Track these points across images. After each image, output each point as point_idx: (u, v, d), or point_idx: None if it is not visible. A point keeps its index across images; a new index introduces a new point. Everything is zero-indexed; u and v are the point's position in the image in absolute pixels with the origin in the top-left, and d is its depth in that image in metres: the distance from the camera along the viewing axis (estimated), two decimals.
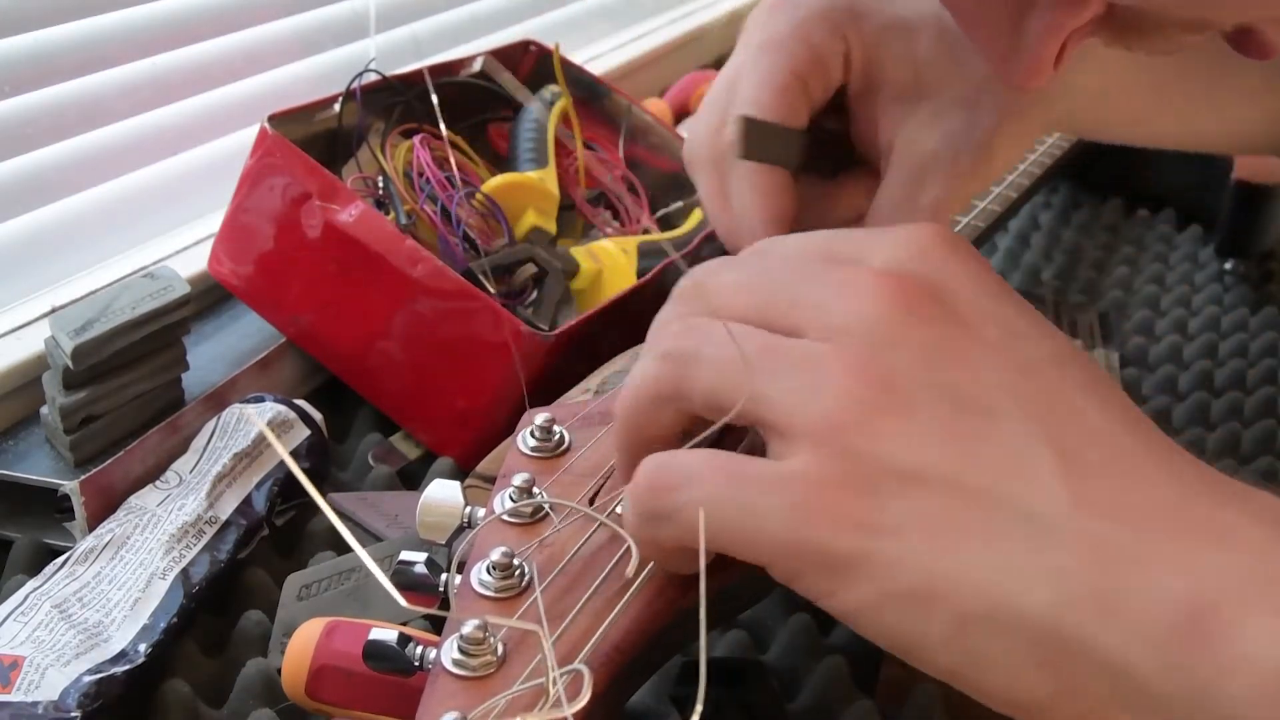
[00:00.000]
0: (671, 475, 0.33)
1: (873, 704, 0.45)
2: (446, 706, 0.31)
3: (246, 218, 0.60)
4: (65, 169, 0.66)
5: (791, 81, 0.48)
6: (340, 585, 0.48)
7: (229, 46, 0.75)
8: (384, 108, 0.67)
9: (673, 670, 0.45)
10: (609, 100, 0.77)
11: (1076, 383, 0.34)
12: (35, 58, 0.63)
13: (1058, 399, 0.33)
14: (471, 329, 0.57)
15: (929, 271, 0.35)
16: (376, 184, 0.63)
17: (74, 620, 0.45)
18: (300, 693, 0.38)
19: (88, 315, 0.52)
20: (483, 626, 0.32)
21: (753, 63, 0.48)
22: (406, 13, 0.88)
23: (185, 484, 0.52)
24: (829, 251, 0.37)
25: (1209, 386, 0.70)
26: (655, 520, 0.33)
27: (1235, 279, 0.83)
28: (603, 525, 0.37)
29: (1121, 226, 0.91)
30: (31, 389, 0.57)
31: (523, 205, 0.65)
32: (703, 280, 0.37)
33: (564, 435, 0.42)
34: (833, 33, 0.48)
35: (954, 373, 0.33)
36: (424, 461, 0.59)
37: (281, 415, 0.55)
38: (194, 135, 0.73)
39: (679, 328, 0.36)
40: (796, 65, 0.48)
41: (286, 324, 0.61)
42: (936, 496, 0.31)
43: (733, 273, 0.37)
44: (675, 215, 0.75)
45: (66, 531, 0.52)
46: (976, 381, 0.33)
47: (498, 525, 0.38)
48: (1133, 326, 0.76)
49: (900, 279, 0.34)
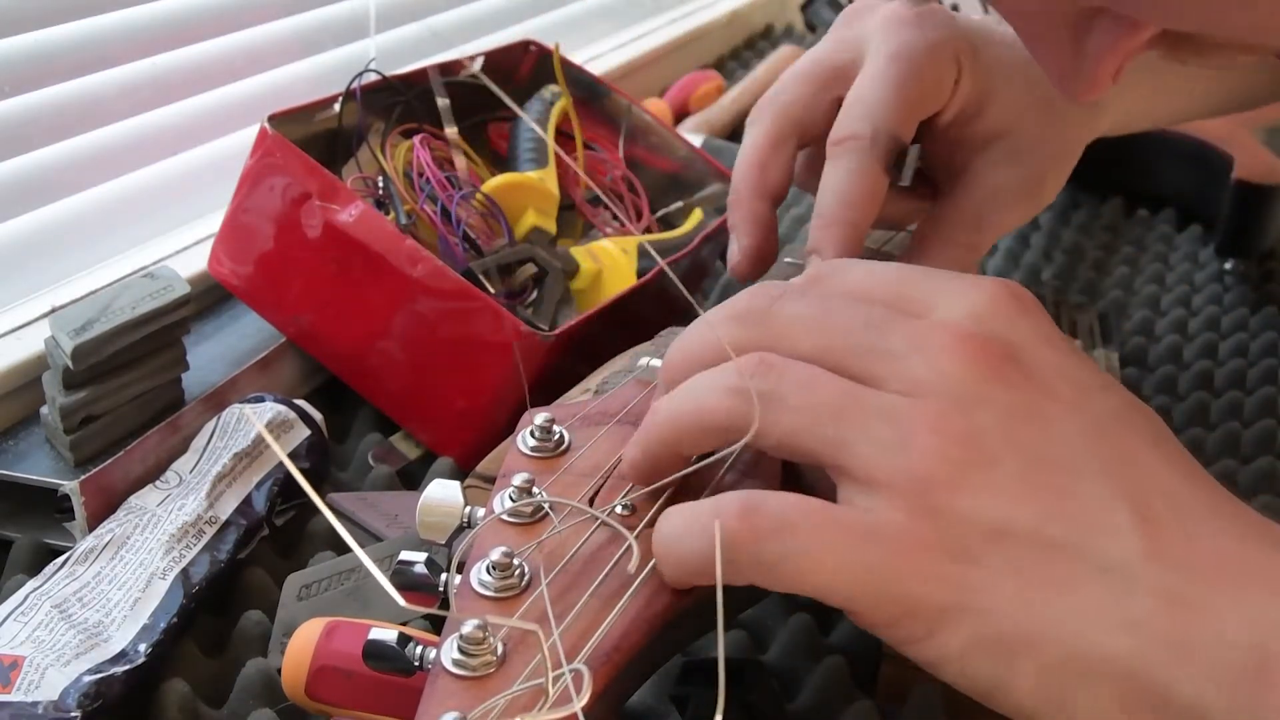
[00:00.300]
0: (768, 520, 0.33)
1: (873, 704, 0.45)
2: (446, 706, 0.31)
3: (246, 218, 0.60)
4: (65, 169, 0.66)
5: (917, 99, 0.52)
6: (340, 585, 0.48)
7: (229, 46, 0.75)
8: (384, 108, 0.67)
9: (673, 670, 0.45)
10: (609, 100, 0.77)
11: (1142, 436, 0.36)
12: (35, 58, 0.63)
13: (1127, 454, 0.35)
14: (471, 329, 0.57)
15: (1003, 330, 0.36)
16: (376, 184, 0.63)
17: (74, 620, 0.45)
18: (300, 693, 0.38)
19: (88, 315, 0.52)
20: (482, 626, 0.32)
21: (883, 72, 0.52)
22: (406, 13, 0.88)
23: (185, 484, 0.52)
24: (898, 297, 0.38)
25: (1209, 386, 0.70)
26: (753, 567, 0.33)
27: (1235, 279, 0.83)
28: (602, 525, 0.37)
29: (1121, 226, 0.90)
30: (31, 389, 0.57)
31: (523, 205, 0.65)
32: (768, 308, 0.38)
33: (564, 435, 0.42)
34: (953, 61, 0.53)
35: (1033, 431, 0.34)
36: (424, 461, 0.59)
37: (281, 415, 0.55)
38: (194, 135, 0.73)
39: (753, 363, 0.36)
40: (923, 84, 0.52)
41: (286, 324, 0.61)
42: (1021, 550, 0.33)
43: (800, 305, 0.37)
44: (675, 215, 0.75)
45: (66, 531, 0.52)
46: (1054, 440, 0.34)
47: (497, 525, 0.38)
48: (1133, 326, 0.76)
49: (980, 341, 0.35)
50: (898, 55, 0.52)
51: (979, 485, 0.33)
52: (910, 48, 0.52)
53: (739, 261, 0.54)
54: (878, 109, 0.51)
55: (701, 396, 0.37)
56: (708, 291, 0.75)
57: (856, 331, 0.36)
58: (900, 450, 0.33)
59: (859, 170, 0.51)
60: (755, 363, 0.36)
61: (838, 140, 0.52)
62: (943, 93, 0.53)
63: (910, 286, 0.38)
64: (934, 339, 0.35)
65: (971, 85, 0.54)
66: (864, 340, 0.36)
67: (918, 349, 0.35)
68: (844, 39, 0.55)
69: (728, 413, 0.36)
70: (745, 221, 0.54)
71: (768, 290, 0.38)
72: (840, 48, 0.55)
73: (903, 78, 0.52)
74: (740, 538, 0.33)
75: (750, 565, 0.33)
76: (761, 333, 0.37)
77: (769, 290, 0.38)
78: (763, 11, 1.28)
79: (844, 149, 0.51)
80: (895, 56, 0.52)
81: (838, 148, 0.51)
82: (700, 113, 0.99)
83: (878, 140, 0.51)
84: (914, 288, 0.38)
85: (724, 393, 0.36)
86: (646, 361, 0.47)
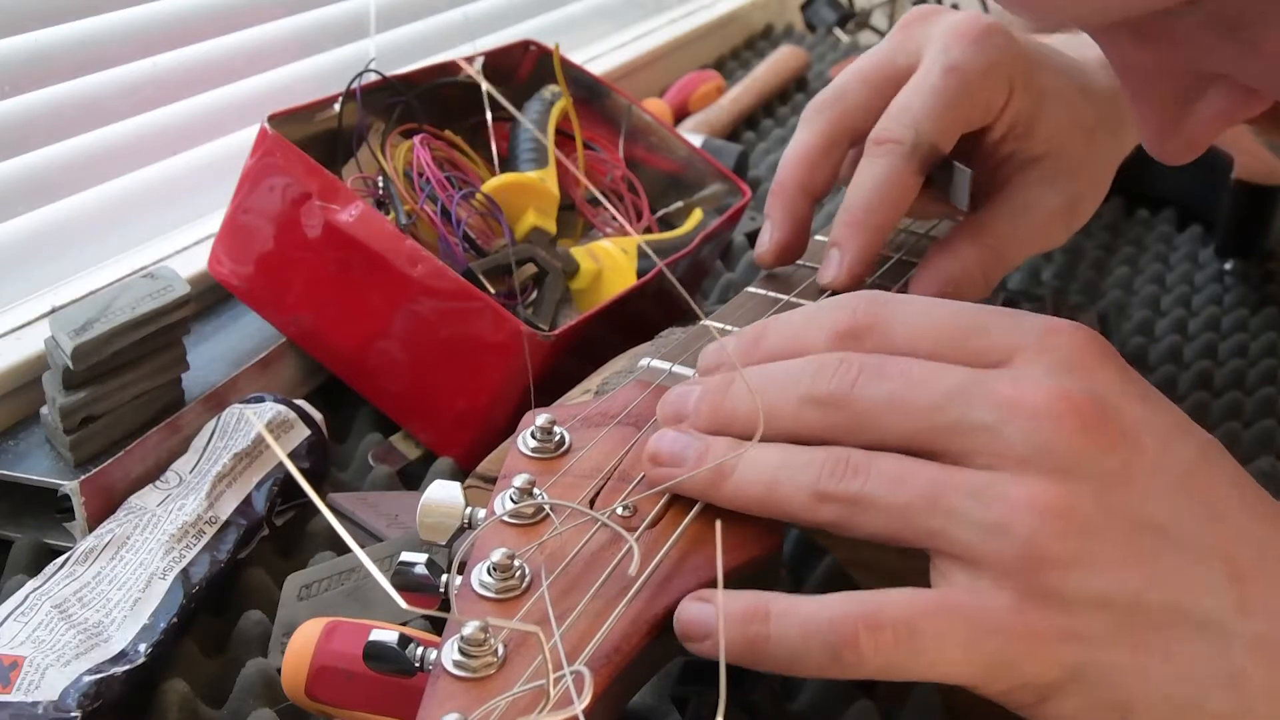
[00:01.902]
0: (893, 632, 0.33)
1: (873, 704, 0.44)
2: (447, 708, 0.31)
3: (246, 218, 0.60)
4: (65, 169, 0.66)
5: (963, 115, 0.53)
6: (340, 585, 0.48)
7: (229, 46, 0.75)
8: (384, 108, 0.67)
9: (673, 670, 0.45)
10: (609, 100, 0.77)
11: (1221, 481, 0.36)
12: (35, 58, 0.63)
13: (1212, 505, 0.35)
14: (471, 329, 0.57)
15: (1088, 385, 0.36)
16: (376, 184, 0.63)
17: (74, 620, 0.45)
18: (300, 693, 0.38)
19: (88, 315, 0.52)
20: (483, 628, 0.32)
21: (935, 84, 0.53)
22: (406, 13, 0.88)
23: (185, 484, 0.52)
24: (968, 344, 0.38)
25: (1209, 386, 0.70)
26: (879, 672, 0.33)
27: (1235, 279, 0.83)
28: (603, 526, 0.37)
29: (1121, 226, 0.90)
30: (31, 389, 0.57)
31: (523, 205, 0.65)
32: (847, 394, 0.37)
33: (564, 436, 0.42)
34: (1007, 82, 0.54)
35: (1126, 494, 0.35)
36: (424, 461, 0.59)
37: (281, 415, 0.55)
38: (194, 135, 0.73)
39: (840, 466, 0.36)
40: (973, 102, 0.53)
41: (286, 324, 0.61)
42: (1125, 617, 0.34)
43: (879, 387, 0.37)
44: (675, 215, 0.75)
45: (66, 531, 0.52)
46: (1146, 500, 0.35)
47: (498, 526, 0.38)
48: (1133, 326, 0.76)
49: (1071, 401, 0.35)
50: (952, 69, 0.52)
51: (1081, 559, 0.34)
52: (967, 64, 0.53)
53: (767, 252, 0.55)
54: (922, 118, 0.52)
55: (782, 489, 0.37)
56: (707, 292, 0.75)
57: (942, 406, 0.36)
58: (1000, 532, 0.34)
59: (893, 173, 0.52)
60: (843, 465, 0.36)
61: (878, 140, 0.52)
62: (991, 112, 0.54)
63: (981, 331, 0.38)
64: (1023, 403, 0.35)
65: (1022, 106, 0.54)
66: (951, 416, 0.36)
67: (1008, 418, 0.35)
68: (904, 43, 0.55)
69: (810, 512, 0.36)
70: (784, 216, 0.55)
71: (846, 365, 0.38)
72: (899, 52, 0.55)
73: (953, 93, 0.52)
74: (869, 651, 0.33)
75: (875, 671, 0.33)
76: (841, 419, 0.37)
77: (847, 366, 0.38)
78: (763, 11, 1.28)
79: (883, 150, 0.52)
80: (950, 70, 0.52)
81: (877, 148, 0.52)
82: (700, 113, 0.99)
83: (917, 148, 0.52)
84: (986, 333, 0.38)
85: (808, 493, 0.36)
86: (647, 362, 0.47)
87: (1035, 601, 0.33)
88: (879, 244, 0.52)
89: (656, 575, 0.36)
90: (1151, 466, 0.35)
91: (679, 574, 0.36)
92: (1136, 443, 0.35)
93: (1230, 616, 0.34)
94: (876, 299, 0.40)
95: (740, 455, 0.38)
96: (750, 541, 0.38)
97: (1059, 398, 0.35)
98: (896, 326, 0.39)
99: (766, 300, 0.53)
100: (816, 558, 0.52)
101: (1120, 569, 0.34)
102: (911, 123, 0.52)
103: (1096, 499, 0.34)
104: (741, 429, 0.39)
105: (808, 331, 0.40)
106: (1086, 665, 0.33)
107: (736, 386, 0.40)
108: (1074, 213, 0.57)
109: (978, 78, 0.53)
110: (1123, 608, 0.33)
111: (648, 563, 0.36)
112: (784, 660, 0.34)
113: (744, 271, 0.77)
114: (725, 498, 0.38)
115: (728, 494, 0.38)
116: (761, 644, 0.34)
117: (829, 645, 0.33)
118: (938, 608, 0.34)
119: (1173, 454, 0.36)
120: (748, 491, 0.37)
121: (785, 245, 0.55)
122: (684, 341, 0.49)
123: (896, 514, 0.35)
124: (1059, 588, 0.33)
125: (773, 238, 0.55)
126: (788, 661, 0.34)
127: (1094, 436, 0.35)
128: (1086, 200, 0.58)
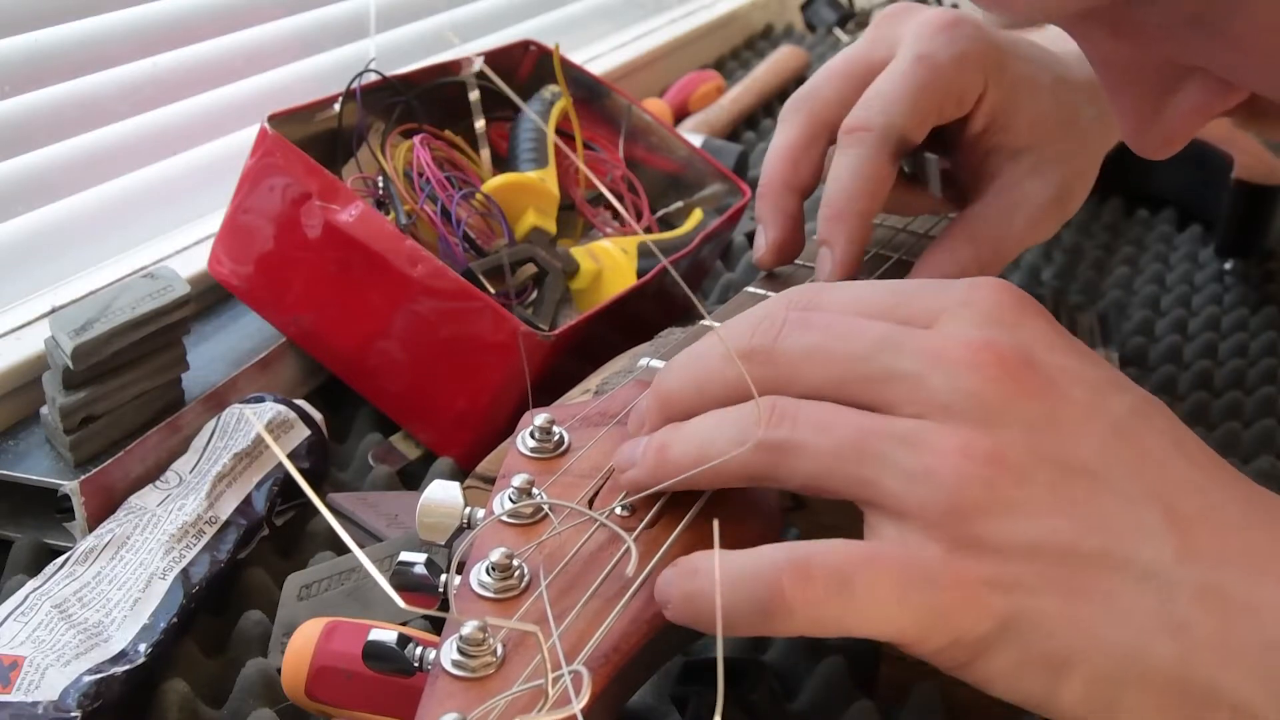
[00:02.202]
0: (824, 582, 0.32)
1: (873, 704, 0.44)
2: (446, 707, 0.31)
3: (246, 218, 0.60)
4: (65, 169, 0.66)
5: (934, 103, 0.53)
6: (340, 585, 0.48)
7: (229, 46, 0.75)
8: (384, 108, 0.67)
9: (673, 670, 0.45)
10: (609, 100, 0.77)
11: (1161, 433, 0.35)
12: (35, 58, 0.63)
13: (1148, 453, 0.35)
14: (471, 329, 0.57)
15: (1013, 336, 0.35)
16: (376, 184, 0.63)
17: (74, 620, 0.45)
18: (300, 693, 0.38)
19: (88, 315, 0.52)
20: (482, 627, 0.32)
21: (906, 71, 0.53)
22: (406, 13, 0.88)
23: (185, 484, 0.52)
24: (897, 308, 0.37)
25: (1209, 386, 0.70)
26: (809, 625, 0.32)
27: (1235, 279, 0.83)
28: (602, 526, 0.37)
29: (1121, 226, 0.90)
30: (31, 389, 0.57)
31: (523, 205, 0.65)
32: (772, 345, 0.37)
33: (563, 436, 0.42)
34: (980, 72, 0.54)
35: (1055, 441, 0.34)
36: (424, 461, 0.59)
37: (281, 415, 0.55)
38: (194, 135, 0.73)
39: (766, 412, 0.36)
40: (944, 90, 0.53)
41: (286, 324, 0.61)
42: (1059, 565, 0.33)
43: (805, 337, 0.37)
44: (675, 215, 0.75)
45: (66, 531, 0.52)
46: (1077, 447, 0.34)
47: (497, 526, 0.38)
48: (1133, 326, 0.76)
49: (995, 350, 0.35)
50: (923, 58, 0.53)
51: (1010, 506, 0.33)
52: (937, 53, 0.53)
53: (765, 254, 0.55)
54: (893, 105, 0.52)
55: (714, 446, 0.36)
56: (707, 291, 0.75)
57: (867, 356, 0.36)
58: (928, 480, 0.33)
59: (866, 161, 0.52)
60: (768, 411, 0.36)
61: (848, 130, 0.53)
62: (965, 102, 0.54)
63: (908, 297, 0.38)
64: (948, 353, 0.35)
65: (999, 97, 0.54)
66: (876, 365, 0.36)
67: (932, 366, 0.35)
68: (879, 38, 0.56)
69: (743, 465, 0.36)
70: (774, 215, 0.55)
71: (764, 323, 0.38)
72: (874, 46, 0.56)
73: (923, 80, 0.52)
74: (797, 602, 0.32)
75: (807, 625, 0.33)
76: (768, 371, 0.37)
77: (770, 321, 0.38)
78: (762, 11, 1.28)
79: (853, 139, 0.52)
80: (920, 59, 0.53)
81: (848, 137, 0.52)
82: (700, 113, 0.99)
83: (888, 135, 0.52)
84: (912, 298, 0.38)
85: (737, 444, 0.36)
86: (646, 362, 0.47)
87: (964, 551, 0.33)
88: (865, 231, 0.52)
89: (654, 575, 0.36)
90: (1081, 414, 0.35)
91: None
92: (1064, 392, 0.35)
93: (1171, 564, 0.33)
94: (813, 286, 0.40)
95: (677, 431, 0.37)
96: (748, 541, 0.38)
97: (984, 347, 0.35)
98: (830, 300, 0.39)
99: None
100: None
101: (1050, 515, 0.33)
102: (882, 109, 0.52)
103: (1024, 445, 0.34)
104: (680, 408, 0.39)
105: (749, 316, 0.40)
106: (1019, 615, 0.32)
107: (667, 368, 0.40)
108: (1064, 204, 0.57)
109: (948, 66, 0.53)
110: (1054, 554, 0.33)
111: (646, 562, 0.36)
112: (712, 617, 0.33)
113: (744, 271, 0.77)
114: (669, 473, 0.37)
115: (670, 470, 0.37)
116: (692, 602, 0.33)
117: (756, 597, 0.32)
118: (869, 559, 0.33)
119: (1105, 403, 0.35)
120: (683, 459, 0.37)
121: (781, 244, 0.55)
122: (683, 342, 0.49)
123: (825, 459, 0.35)
124: (988, 536, 0.33)
125: (768, 239, 0.55)
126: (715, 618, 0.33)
127: (1020, 383, 0.34)
128: (1075, 191, 0.58)
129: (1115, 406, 0.35)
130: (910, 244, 0.59)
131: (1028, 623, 0.32)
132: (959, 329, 0.36)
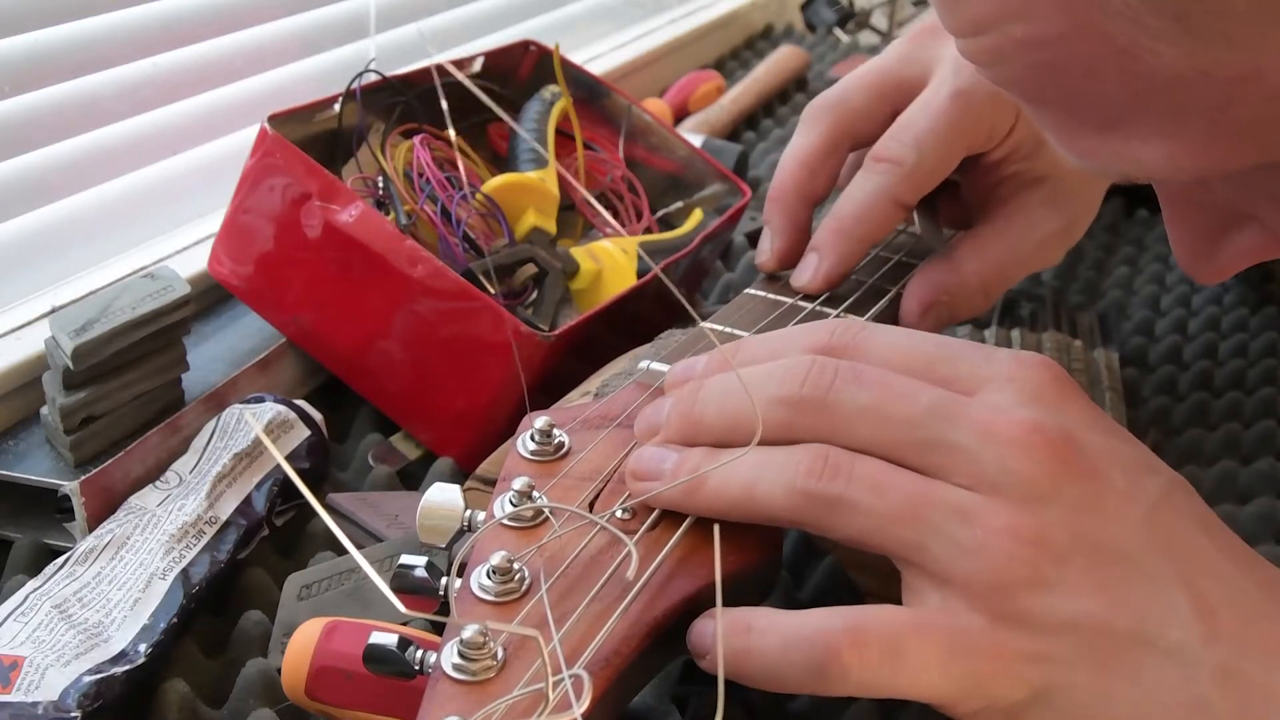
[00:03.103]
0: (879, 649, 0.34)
1: (873, 704, 0.45)
2: (446, 711, 0.31)
3: (246, 218, 0.60)
4: (65, 169, 0.66)
5: (966, 142, 0.54)
6: (340, 585, 0.48)
7: (229, 46, 0.75)
8: (384, 108, 0.67)
9: (673, 670, 0.45)
10: (609, 100, 0.77)
11: (1189, 519, 0.37)
12: (35, 58, 0.63)
13: (1177, 536, 0.36)
14: (471, 329, 0.57)
15: (1058, 418, 0.37)
16: (376, 184, 0.63)
17: (74, 620, 0.45)
18: (300, 693, 0.38)
19: (88, 315, 0.52)
20: (483, 631, 0.32)
21: (942, 106, 0.53)
22: (406, 13, 0.88)
23: (185, 484, 0.52)
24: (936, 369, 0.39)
25: (1209, 386, 0.70)
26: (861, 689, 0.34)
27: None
28: (602, 530, 0.37)
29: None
30: (31, 389, 0.57)
31: (523, 205, 0.65)
32: (823, 399, 0.38)
33: (564, 439, 0.42)
34: (1013, 107, 0.54)
35: (1095, 525, 0.36)
36: (424, 462, 0.59)
37: (281, 415, 0.55)
38: (194, 135, 0.73)
39: (820, 464, 0.37)
40: (978, 128, 0.54)
41: (286, 324, 0.61)
42: (1092, 641, 0.35)
43: (857, 394, 0.38)
44: (675, 215, 0.75)
45: (66, 531, 0.52)
46: (1114, 530, 0.36)
47: (497, 529, 0.38)
48: (1133, 326, 0.76)
49: (1044, 433, 0.36)
50: (960, 95, 0.53)
51: (1051, 585, 0.35)
52: (974, 90, 0.53)
53: (769, 260, 0.56)
54: (926, 140, 0.52)
55: (759, 488, 0.37)
56: (707, 292, 0.75)
57: (921, 423, 0.37)
58: (978, 555, 0.35)
59: (887, 193, 0.52)
60: (820, 462, 0.37)
61: (877, 158, 0.53)
62: (994, 137, 0.55)
63: (952, 358, 0.39)
64: (998, 431, 0.36)
65: (1026, 131, 0.55)
66: (930, 432, 0.37)
67: (984, 442, 0.36)
68: (913, 56, 0.56)
69: (789, 510, 0.37)
70: (783, 224, 0.56)
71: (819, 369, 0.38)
72: (908, 64, 0.56)
73: (959, 117, 0.53)
74: (854, 667, 0.34)
75: (858, 687, 0.34)
76: (818, 421, 0.38)
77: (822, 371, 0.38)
78: (763, 11, 1.28)
79: (881, 168, 0.53)
80: (958, 94, 0.53)
81: (876, 164, 0.53)
82: (700, 113, 0.99)
83: (916, 171, 0.52)
84: (956, 361, 0.39)
85: (787, 491, 0.37)
86: (647, 364, 0.47)
87: (1006, 624, 0.34)
88: (859, 256, 0.53)
89: (655, 578, 0.36)
90: (1120, 500, 0.36)
91: (678, 577, 0.36)
92: (1104, 474, 0.36)
93: (1196, 646, 0.34)
94: (855, 323, 0.41)
95: (718, 463, 0.38)
96: (749, 544, 0.38)
97: (1033, 429, 0.36)
98: (871, 346, 0.40)
99: (767, 302, 0.53)
100: (817, 558, 0.52)
101: (1088, 595, 0.35)
102: (914, 143, 0.52)
103: (1067, 527, 0.35)
104: (710, 435, 0.39)
105: (785, 348, 0.41)
106: (1053, 687, 0.34)
107: (704, 392, 0.40)
108: (1070, 234, 0.58)
109: (985, 105, 0.53)
110: (1089, 632, 0.34)
111: (646, 566, 0.36)
112: (764, 674, 0.35)
113: (744, 272, 0.77)
114: (702, 505, 0.38)
115: (705, 501, 0.38)
116: (743, 658, 0.35)
117: (811, 660, 0.34)
118: (918, 627, 0.35)
119: (1140, 487, 0.37)
120: (726, 495, 0.38)
121: (786, 253, 0.56)
122: (684, 344, 0.49)
123: (877, 520, 0.36)
124: (1029, 611, 0.34)
125: (774, 246, 0.56)
126: (767, 675, 0.35)
127: (1065, 466, 0.36)
128: (1080, 222, 0.59)
129: (1150, 489, 0.37)
130: (910, 245, 0.59)
131: (1060, 693, 0.34)
132: (1006, 403, 0.37)
